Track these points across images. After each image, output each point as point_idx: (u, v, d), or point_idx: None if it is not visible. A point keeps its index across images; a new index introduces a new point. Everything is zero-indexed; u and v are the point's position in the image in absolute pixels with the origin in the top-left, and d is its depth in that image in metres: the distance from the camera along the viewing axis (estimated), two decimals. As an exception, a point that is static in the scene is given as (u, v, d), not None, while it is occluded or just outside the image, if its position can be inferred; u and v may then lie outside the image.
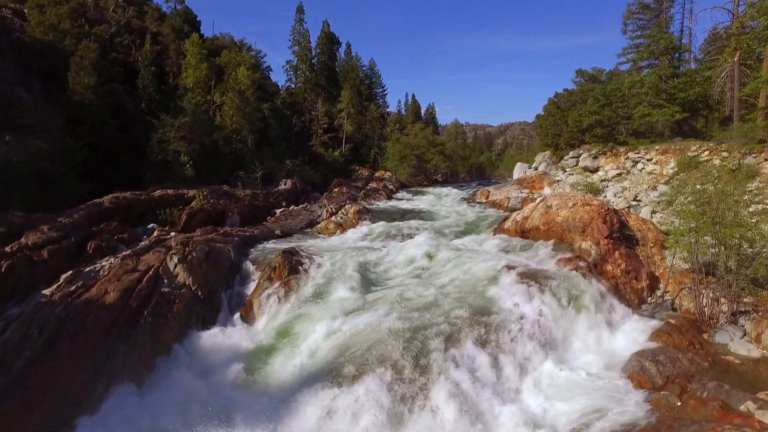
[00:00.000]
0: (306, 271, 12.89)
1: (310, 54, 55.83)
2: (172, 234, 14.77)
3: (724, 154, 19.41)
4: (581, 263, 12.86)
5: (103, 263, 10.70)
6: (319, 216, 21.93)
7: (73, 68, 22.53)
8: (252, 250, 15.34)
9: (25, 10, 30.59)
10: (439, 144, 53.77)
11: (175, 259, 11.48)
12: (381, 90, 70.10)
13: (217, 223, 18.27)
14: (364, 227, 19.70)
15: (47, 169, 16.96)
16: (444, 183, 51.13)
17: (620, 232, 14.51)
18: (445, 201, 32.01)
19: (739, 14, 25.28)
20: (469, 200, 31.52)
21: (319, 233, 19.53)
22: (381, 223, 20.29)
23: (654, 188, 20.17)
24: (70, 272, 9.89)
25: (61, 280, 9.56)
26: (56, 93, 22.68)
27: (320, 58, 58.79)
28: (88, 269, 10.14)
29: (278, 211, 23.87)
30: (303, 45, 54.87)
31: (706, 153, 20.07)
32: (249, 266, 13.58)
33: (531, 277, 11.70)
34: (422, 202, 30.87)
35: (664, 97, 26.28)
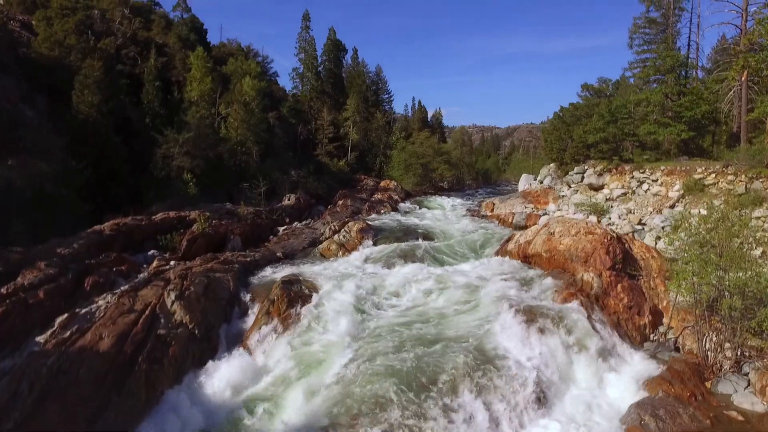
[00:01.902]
0: (305, 303, 12.83)
1: (315, 62, 55.94)
2: (172, 263, 14.72)
3: (731, 177, 19.12)
4: (583, 298, 12.68)
5: (100, 302, 10.65)
6: (322, 234, 21.87)
7: (77, 87, 22.55)
8: (252, 278, 15.30)
9: (33, 22, 30.83)
10: (444, 152, 53.72)
11: (173, 296, 11.42)
12: (387, 96, 70.25)
13: (219, 247, 18.16)
14: (365, 249, 19.68)
15: (50, 191, 16.99)
16: (450, 191, 51.12)
17: (623, 262, 14.32)
18: (449, 214, 31.90)
19: (747, 30, 24.94)
20: (474, 213, 31.43)
21: (322, 254, 19.49)
22: (382, 244, 20.23)
23: (659, 212, 19.88)
24: (66, 315, 9.82)
25: (56, 324, 9.49)
26: (61, 108, 22.70)
27: (326, 65, 58.91)
28: (83, 311, 10.09)
29: (281, 229, 23.80)
30: (309, 52, 55.06)
31: (713, 176, 19.78)
32: (248, 297, 13.51)
33: (530, 314, 11.54)
34: (426, 216, 30.68)
35: (670, 115, 25.98)
